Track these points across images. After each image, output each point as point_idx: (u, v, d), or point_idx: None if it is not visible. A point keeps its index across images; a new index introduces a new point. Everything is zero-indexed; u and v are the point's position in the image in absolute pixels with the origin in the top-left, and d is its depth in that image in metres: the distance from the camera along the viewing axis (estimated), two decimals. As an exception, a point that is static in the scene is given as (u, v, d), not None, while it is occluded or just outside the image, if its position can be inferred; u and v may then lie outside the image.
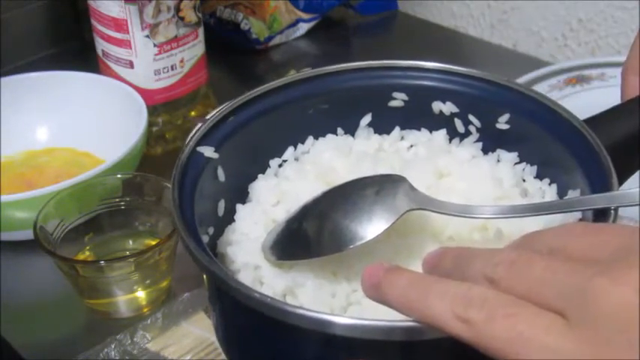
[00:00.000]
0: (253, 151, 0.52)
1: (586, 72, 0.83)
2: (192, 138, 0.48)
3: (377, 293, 0.35)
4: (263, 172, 0.52)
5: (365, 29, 1.02)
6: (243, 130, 0.50)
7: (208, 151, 0.48)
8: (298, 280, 0.43)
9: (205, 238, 0.45)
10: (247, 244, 0.46)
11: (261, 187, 0.50)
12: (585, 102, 0.47)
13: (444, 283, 0.33)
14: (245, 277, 0.44)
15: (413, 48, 0.96)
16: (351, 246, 0.42)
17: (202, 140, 0.48)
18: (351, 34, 1.02)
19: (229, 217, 0.49)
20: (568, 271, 0.30)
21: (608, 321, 0.28)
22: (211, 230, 0.47)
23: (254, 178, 0.52)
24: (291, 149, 0.53)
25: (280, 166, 0.53)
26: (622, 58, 0.82)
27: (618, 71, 0.80)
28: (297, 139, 0.53)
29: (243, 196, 0.51)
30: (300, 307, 0.37)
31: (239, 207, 0.50)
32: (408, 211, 0.43)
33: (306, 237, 0.45)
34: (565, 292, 0.29)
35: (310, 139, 0.54)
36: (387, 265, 0.35)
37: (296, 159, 0.53)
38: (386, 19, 1.03)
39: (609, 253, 0.30)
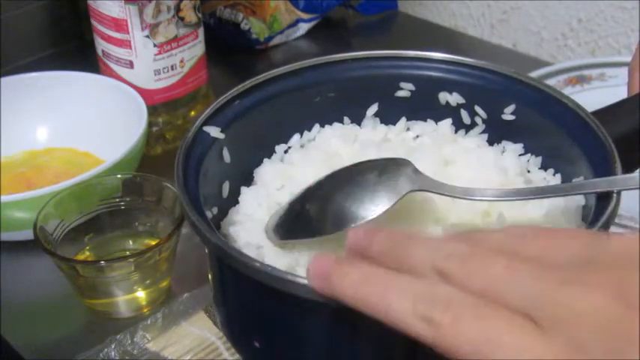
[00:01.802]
0: (259, 135, 0.51)
1: (586, 72, 0.83)
2: (199, 118, 0.48)
3: (326, 284, 0.32)
4: (269, 156, 0.52)
5: (365, 29, 1.01)
6: (250, 113, 0.50)
7: (214, 131, 0.48)
8: (299, 259, 0.43)
9: (209, 215, 0.45)
10: (250, 225, 0.46)
11: (267, 171, 0.50)
12: (585, 102, 0.47)
13: (403, 278, 0.30)
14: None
15: (413, 48, 0.95)
16: (353, 225, 0.42)
17: (209, 121, 0.48)
18: (351, 34, 1.02)
19: (233, 199, 0.49)
20: (531, 274, 0.28)
21: (583, 328, 0.27)
22: (215, 210, 0.47)
23: (259, 162, 0.51)
24: (297, 136, 0.53)
25: (286, 152, 0.53)
26: (622, 58, 0.83)
27: (618, 71, 0.80)
28: (304, 126, 0.53)
29: (248, 180, 0.51)
30: (303, 277, 0.35)
31: (243, 189, 0.49)
32: (409, 192, 0.42)
33: (309, 218, 0.44)
34: (531, 297, 0.28)
35: (316, 127, 0.53)
36: (337, 256, 0.32)
37: (302, 146, 0.53)
38: (386, 19, 1.03)
39: (566, 258, 0.29)
